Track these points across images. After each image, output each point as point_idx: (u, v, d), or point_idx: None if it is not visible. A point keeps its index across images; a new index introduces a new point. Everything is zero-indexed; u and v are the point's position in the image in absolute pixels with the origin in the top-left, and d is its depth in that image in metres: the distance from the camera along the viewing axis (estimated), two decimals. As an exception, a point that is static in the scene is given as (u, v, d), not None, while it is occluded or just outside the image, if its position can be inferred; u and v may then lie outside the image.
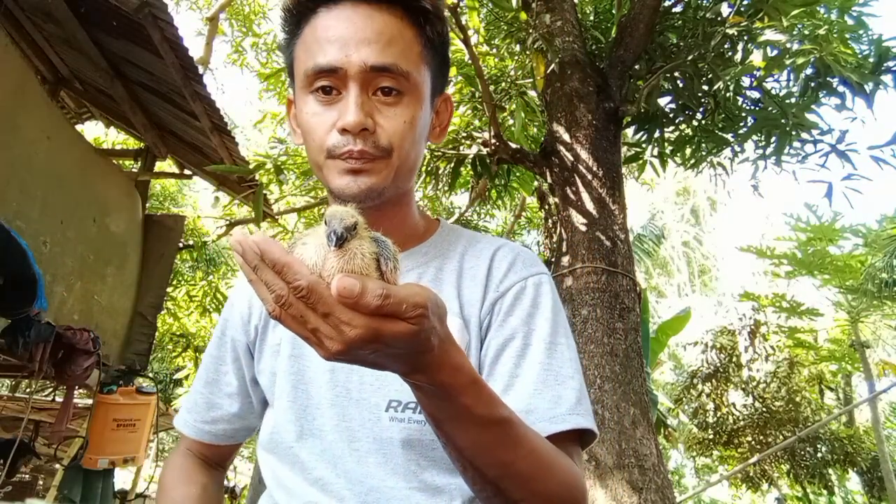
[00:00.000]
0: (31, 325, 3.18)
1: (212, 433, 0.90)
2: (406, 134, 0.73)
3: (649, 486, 2.62)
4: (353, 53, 0.69)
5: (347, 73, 0.69)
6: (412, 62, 0.72)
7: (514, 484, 0.58)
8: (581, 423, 0.69)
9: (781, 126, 3.80)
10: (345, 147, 0.70)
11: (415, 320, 0.45)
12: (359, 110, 0.69)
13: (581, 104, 3.53)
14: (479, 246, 0.83)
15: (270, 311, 0.45)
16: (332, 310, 0.43)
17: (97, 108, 5.57)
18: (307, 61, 0.72)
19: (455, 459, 0.59)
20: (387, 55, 0.70)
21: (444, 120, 0.86)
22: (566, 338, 0.76)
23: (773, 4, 3.33)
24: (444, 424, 0.55)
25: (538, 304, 0.76)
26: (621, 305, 3.07)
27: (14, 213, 3.37)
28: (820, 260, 9.37)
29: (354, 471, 0.73)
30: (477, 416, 0.54)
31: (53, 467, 5.75)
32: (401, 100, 0.72)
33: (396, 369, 0.50)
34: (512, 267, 0.79)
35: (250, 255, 0.44)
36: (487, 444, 0.56)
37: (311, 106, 0.73)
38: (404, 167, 0.75)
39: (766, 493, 12.52)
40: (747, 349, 10.40)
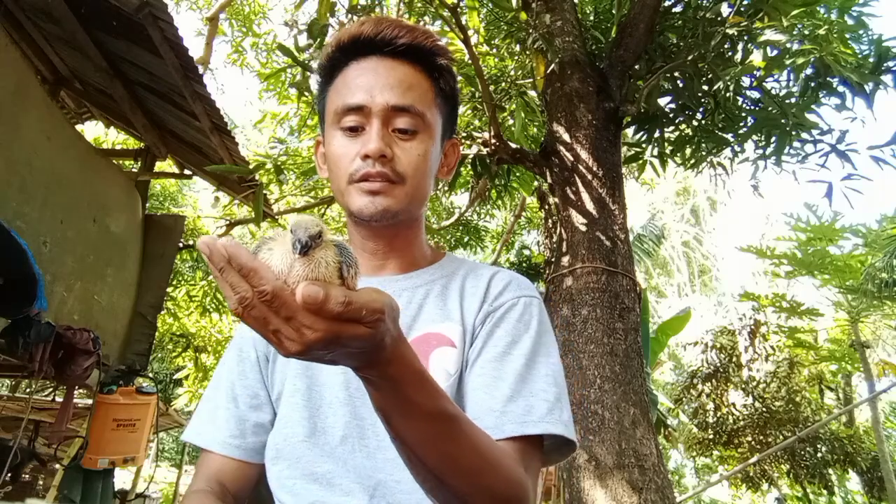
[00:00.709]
0: (31, 325, 3.18)
1: (241, 448, 0.87)
2: (419, 165, 0.84)
3: (649, 486, 2.62)
4: (377, 95, 0.82)
5: (371, 111, 0.82)
6: (426, 105, 0.85)
7: (457, 478, 0.61)
8: (552, 430, 0.74)
9: (781, 126, 3.80)
10: (364, 169, 0.81)
11: (372, 324, 0.48)
12: (380, 140, 0.81)
13: (581, 104, 3.53)
14: (479, 271, 0.93)
15: (233, 310, 0.47)
16: (294, 314, 0.46)
17: (97, 108, 5.57)
18: (337, 101, 0.85)
19: (400, 451, 0.62)
20: (406, 98, 0.83)
21: (451, 161, 0.98)
22: (547, 357, 0.82)
23: (773, 4, 3.33)
24: (391, 416, 0.58)
25: (525, 322, 0.84)
26: (621, 305, 3.07)
27: (14, 213, 3.37)
28: (820, 260, 9.37)
29: (363, 465, 0.77)
30: (421, 406, 0.57)
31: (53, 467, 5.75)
32: (415, 136, 0.84)
33: (350, 364, 0.53)
34: (507, 287, 0.89)
35: (217, 258, 0.46)
36: (430, 435, 0.59)
37: (338, 140, 0.85)
38: (417, 194, 0.86)
39: (766, 493, 12.52)
40: (747, 349, 10.40)
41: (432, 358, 0.82)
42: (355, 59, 0.86)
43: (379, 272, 0.92)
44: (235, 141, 4.39)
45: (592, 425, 2.78)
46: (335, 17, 4.17)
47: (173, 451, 16.44)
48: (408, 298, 0.88)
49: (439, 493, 0.64)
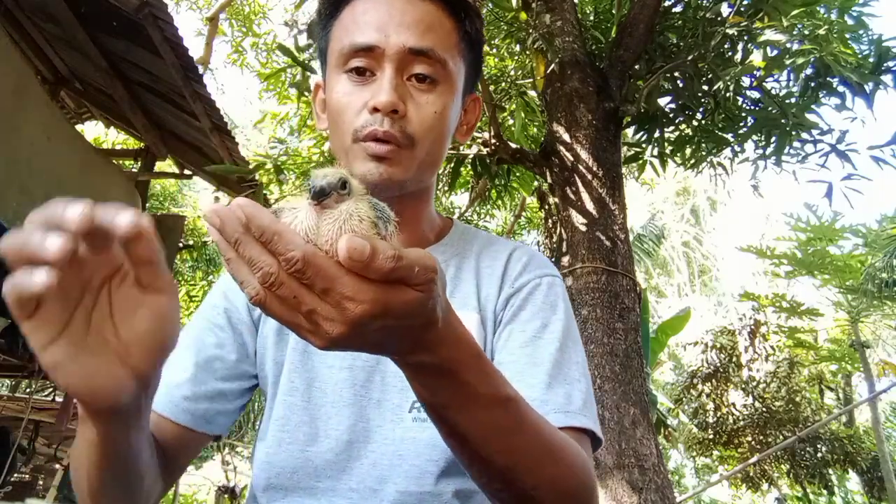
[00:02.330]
0: (31, 325, 3.18)
1: (189, 412, 0.73)
2: (434, 125, 0.72)
3: (649, 486, 2.62)
4: (392, 35, 0.69)
5: (385, 54, 0.69)
6: (449, 50, 0.73)
7: (524, 471, 0.53)
8: (588, 425, 0.67)
9: (781, 126, 3.80)
10: (371, 126, 0.69)
11: (424, 286, 0.40)
12: (393, 90, 0.68)
13: (581, 104, 3.53)
14: (494, 247, 0.83)
15: (253, 296, 0.38)
16: (333, 284, 0.37)
17: (97, 108, 5.57)
18: (344, 39, 0.72)
19: (459, 452, 0.54)
20: (426, 40, 0.70)
21: (472, 119, 0.86)
22: (576, 342, 0.75)
23: (773, 4, 3.33)
24: (447, 410, 0.49)
25: (552, 304, 0.76)
26: (621, 305, 3.08)
27: (14, 213, 3.37)
28: (820, 260, 9.37)
29: (369, 475, 0.70)
30: (482, 395, 0.49)
31: (53, 467, 5.74)
32: (434, 88, 0.72)
33: (398, 349, 0.45)
34: (527, 266, 0.80)
35: (232, 227, 0.37)
36: (494, 427, 0.51)
37: (343, 85, 0.72)
38: (429, 160, 0.74)
39: (766, 493, 12.52)
40: (747, 349, 10.40)
41: None
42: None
43: None
44: (235, 141, 4.39)
45: (592, 425, 2.78)
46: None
47: (173, 451, 16.45)
48: None
49: (506, 493, 0.56)
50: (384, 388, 0.73)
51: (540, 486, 0.54)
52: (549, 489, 0.55)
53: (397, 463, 0.69)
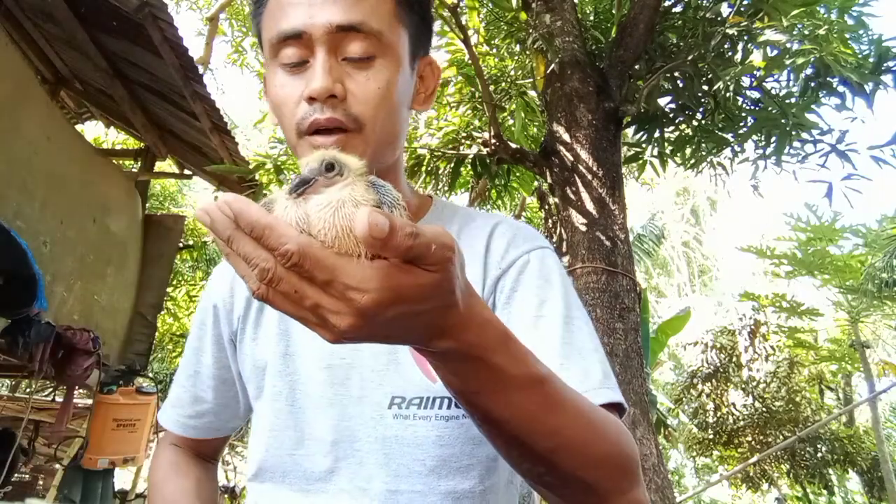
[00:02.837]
0: (31, 325, 3.18)
1: (197, 427, 0.86)
2: (380, 102, 0.67)
3: (649, 486, 2.62)
4: (317, 14, 0.64)
5: (313, 37, 0.64)
6: (383, 20, 0.67)
7: (568, 453, 0.50)
8: (613, 397, 0.63)
9: (781, 126, 3.80)
10: (312, 116, 0.64)
11: (439, 266, 0.37)
12: (326, 75, 0.63)
13: (581, 104, 3.53)
14: (475, 224, 0.78)
15: (255, 291, 0.37)
16: (334, 274, 0.35)
17: (97, 108, 5.57)
18: (272, 28, 0.67)
19: (496, 439, 0.51)
20: (354, 13, 0.64)
21: (431, 85, 0.79)
22: (580, 311, 0.71)
23: (773, 4, 3.33)
24: (479, 397, 0.47)
25: (546, 277, 0.72)
26: (621, 305, 3.08)
27: (14, 213, 3.37)
28: (820, 260, 9.37)
29: (357, 474, 0.69)
30: (515, 377, 0.46)
31: (53, 467, 5.75)
32: (373, 63, 0.66)
33: (417, 337, 0.42)
34: (512, 242, 0.74)
35: (222, 224, 0.36)
36: (531, 410, 0.48)
37: (278, 77, 0.68)
38: (383, 140, 0.69)
39: (766, 493, 12.52)
40: (747, 349, 10.41)
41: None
42: None
43: None
44: (235, 141, 4.39)
45: (592, 425, 2.78)
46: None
47: (173, 451, 16.46)
48: None
49: (550, 476, 0.52)
50: (363, 385, 0.71)
51: (586, 465, 0.52)
52: (595, 467, 0.52)
53: (384, 462, 0.68)
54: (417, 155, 4.54)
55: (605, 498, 0.54)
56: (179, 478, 0.85)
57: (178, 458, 0.88)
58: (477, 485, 0.68)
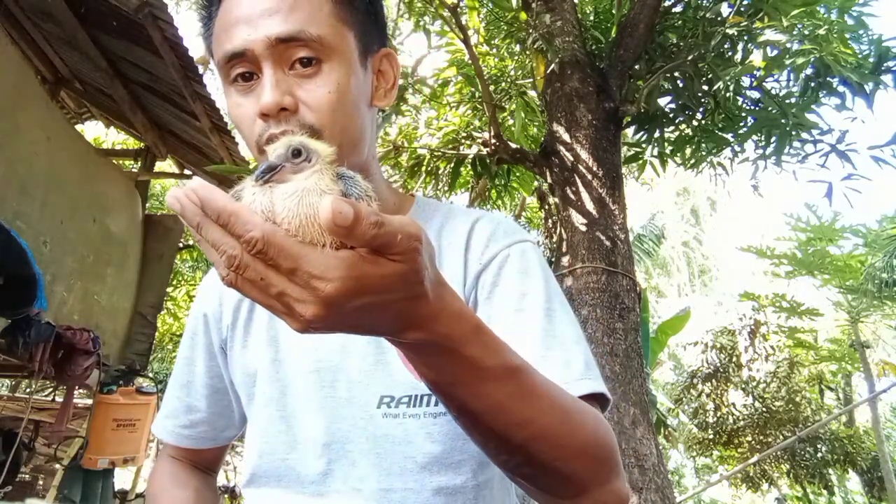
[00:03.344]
0: (31, 325, 3.18)
1: (192, 437, 0.87)
2: (334, 105, 0.66)
3: (649, 486, 2.62)
4: (255, 31, 0.64)
5: (256, 53, 0.64)
6: (323, 25, 0.66)
7: (545, 443, 0.51)
8: (595, 388, 0.64)
9: (781, 126, 3.80)
10: (268, 132, 0.64)
11: (404, 256, 0.37)
12: (273, 89, 0.63)
13: (581, 104, 3.53)
14: (456, 220, 0.78)
15: (224, 278, 0.37)
16: (298, 262, 0.36)
17: (97, 108, 5.57)
18: (218, 51, 0.67)
19: (472, 430, 0.51)
20: (290, 22, 0.64)
21: (391, 78, 0.77)
22: (562, 303, 0.72)
23: (773, 4, 3.33)
24: (453, 388, 0.47)
25: (526, 270, 0.72)
26: (621, 305, 3.08)
27: (14, 213, 3.37)
28: (820, 260, 9.38)
29: (350, 474, 0.69)
30: (489, 368, 0.47)
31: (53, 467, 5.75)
32: (320, 68, 0.66)
33: (387, 328, 0.42)
34: (492, 237, 0.74)
35: (191, 211, 0.36)
36: (506, 400, 0.48)
37: (233, 97, 0.68)
38: (345, 143, 0.67)
39: (766, 493, 12.52)
40: (747, 349, 10.41)
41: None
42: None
43: None
44: (235, 141, 4.39)
45: (592, 425, 2.78)
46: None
47: (173, 451, 16.50)
48: None
49: (528, 468, 0.53)
50: (350, 386, 0.71)
51: (563, 455, 0.52)
52: (572, 457, 0.52)
53: (376, 461, 0.68)
54: (417, 155, 4.54)
55: (584, 489, 0.54)
56: (178, 489, 0.85)
57: (176, 470, 0.88)
58: (470, 480, 0.69)
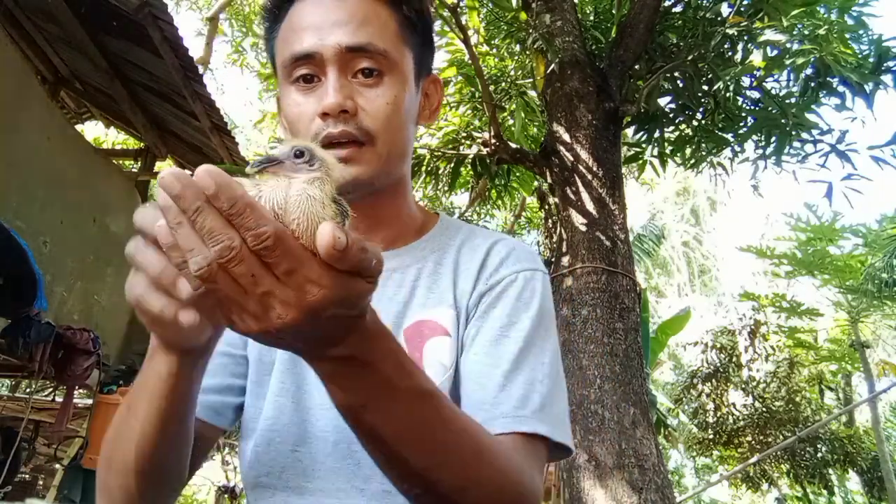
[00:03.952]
0: (31, 325, 3.18)
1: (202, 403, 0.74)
2: (390, 116, 0.70)
3: (649, 486, 2.62)
4: (327, 37, 0.68)
5: (324, 58, 0.68)
6: (389, 41, 0.71)
7: (446, 473, 0.51)
8: (541, 430, 0.64)
9: (781, 126, 3.80)
10: (325, 131, 0.68)
11: (374, 279, 0.40)
12: (337, 92, 0.67)
13: (581, 104, 3.53)
14: (476, 240, 0.80)
15: (199, 269, 0.36)
16: (299, 266, 0.37)
17: (97, 108, 5.57)
18: (285, 51, 0.72)
19: (378, 453, 0.51)
20: (361, 35, 0.69)
21: (435, 102, 0.83)
22: (548, 341, 0.72)
23: (773, 4, 3.33)
24: (365, 411, 0.47)
25: (525, 301, 0.73)
26: (621, 305, 3.07)
27: (14, 213, 3.37)
28: (820, 260, 9.38)
29: (355, 474, 0.69)
30: (400, 389, 0.47)
31: (53, 467, 5.75)
32: (381, 80, 0.70)
33: (328, 341, 0.43)
34: (505, 261, 0.76)
35: (193, 194, 0.36)
36: (413, 424, 0.49)
37: (292, 97, 0.72)
38: (393, 153, 0.72)
39: (766, 493, 12.52)
40: (747, 349, 10.40)
41: (426, 350, 0.72)
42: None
43: None
44: (235, 141, 4.39)
45: (592, 425, 2.78)
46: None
47: (173, 451, 16.48)
48: (398, 281, 0.76)
49: (426, 497, 0.53)
50: None
51: (463, 489, 0.52)
52: (472, 493, 0.53)
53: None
54: (417, 155, 4.54)
55: None
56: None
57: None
58: None
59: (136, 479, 0.58)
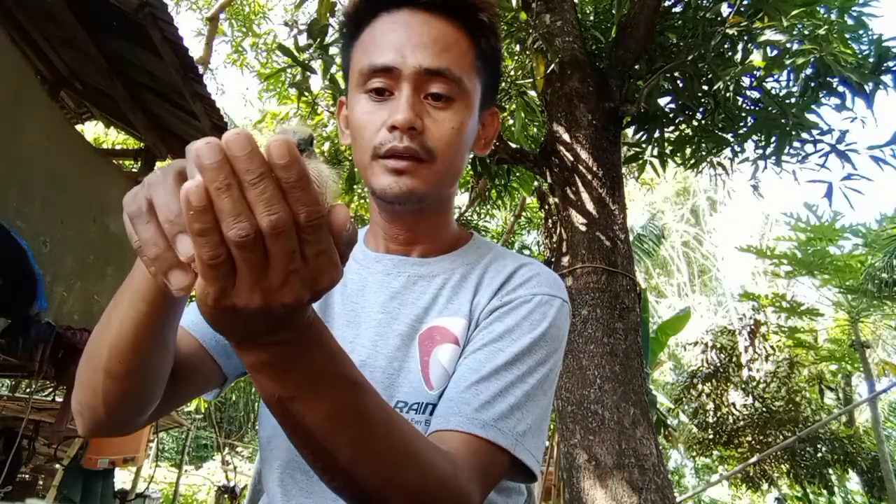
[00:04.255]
0: (31, 325, 3.18)
1: (211, 333, 0.74)
2: (452, 140, 0.74)
3: (649, 486, 2.62)
4: (409, 56, 0.72)
5: (402, 74, 0.72)
6: (465, 70, 0.75)
7: (369, 469, 0.51)
8: (496, 439, 0.62)
9: (781, 126, 3.80)
10: (391, 143, 0.71)
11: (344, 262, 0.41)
12: (410, 109, 0.71)
13: (581, 104, 3.53)
14: (505, 261, 0.83)
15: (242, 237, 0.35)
16: (329, 248, 0.38)
17: (97, 108, 5.56)
18: (363, 60, 0.75)
19: (304, 446, 0.51)
20: (441, 60, 0.72)
21: (490, 133, 0.87)
22: (539, 364, 0.71)
23: (773, 4, 3.33)
24: (293, 401, 0.46)
25: (534, 321, 0.73)
26: (621, 305, 3.07)
27: (14, 213, 3.37)
28: (820, 260, 9.37)
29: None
30: (329, 374, 0.47)
31: (53, 467, 5.75)
32: (450, 105, 0.74)
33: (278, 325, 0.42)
34: (526, 282, 0.78)
35: (257, 160, 0.35)
36: (341, 414, 0.48)
37: (363, 105, 0.75)
38: (447, 173, 0.76)
39: (766, 493, 12.52)
40: (747, 349, 10.40)
41: (434, 354, 0.74)
42: (386, 9, 0.75)
43: (398, 254, 0.84)
44: (235, 141, 4.38)
45: (592, 425, 2.78)
46: (335, 18, 4.17)
47: (173, 451, 16.48)
48: (423, 288, 0.80)
49: (349, 492, 0.53)
50: (372, 381, 0.72)
51: (385, 488, 0.52)
52: (395, 493, 0.52)
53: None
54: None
55: None
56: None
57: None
58: None
59: (104, 378, 0.56)
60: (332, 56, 3.62)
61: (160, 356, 0.58)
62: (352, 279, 0.83)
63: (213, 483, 12.22)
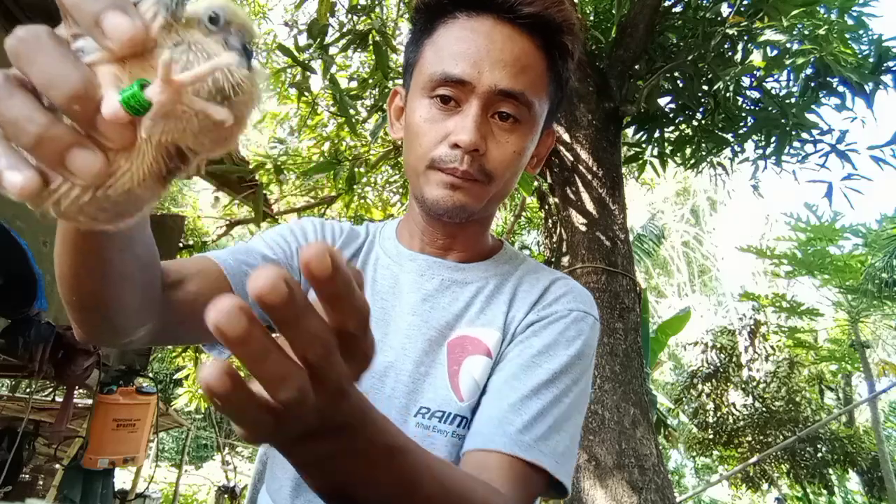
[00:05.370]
0: (31, 325, 3.18)
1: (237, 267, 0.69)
2: (512, 164, 0.72)
3: (649, 486, 2.62)
4: (486, 72, 0.68)
5: (474, 90, 0.69)
6: (538, 93, 0.72)
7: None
8: (538, 461, 0.62)
9: (781, 126, 3.80)
10: (451, 163, 0.69)
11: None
12: (476, 130, 0.68)
13: (581, 104, 3.53)
14: (539, 274, 0.83)
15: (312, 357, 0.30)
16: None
17: (97, 108, 5.56)
18: (436, 65, 0.71)
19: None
20: (518, 82, 0.69)
21: (543, 152, 0.84)
22: (574, 383, 0.70)
23: (773, 4, 3.33)
24: (345, 488, 0.40)
25: (569, 338, 0.73)
26: (621, 305, 3.08)
27: (14, 213, 3.37)
28: (820, 260, 9.37)
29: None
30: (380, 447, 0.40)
31: (53, 467, 5.75)
32: (517, 128, 0.72)
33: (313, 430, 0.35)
34: (561, 298, 0.78)
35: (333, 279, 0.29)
36: (393, 485, 0.43)
37: (425, 110, 0.72)
38: (500, 193, 0.75)
39: (766, 493, 12.52)
40: (747, 349, 10.41)
41: (464, 365, 0.73)
42: (466, 11, 0.71)
43: (433, 255, 0.82)
44: (235, 141, 4.38)
45: (592, 425, 2.78)
46: (335, 18, 4.17)
47: (173, 451, 16.49)
48: (455, 293, 0.78)
49: None
50: (396, 386, 0.73)
51: None
52: None
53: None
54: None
55: None
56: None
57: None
58: None
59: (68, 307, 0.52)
60: (331, 56, 3.62)
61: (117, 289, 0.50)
62: (382, 275, 0.82)
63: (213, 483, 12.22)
